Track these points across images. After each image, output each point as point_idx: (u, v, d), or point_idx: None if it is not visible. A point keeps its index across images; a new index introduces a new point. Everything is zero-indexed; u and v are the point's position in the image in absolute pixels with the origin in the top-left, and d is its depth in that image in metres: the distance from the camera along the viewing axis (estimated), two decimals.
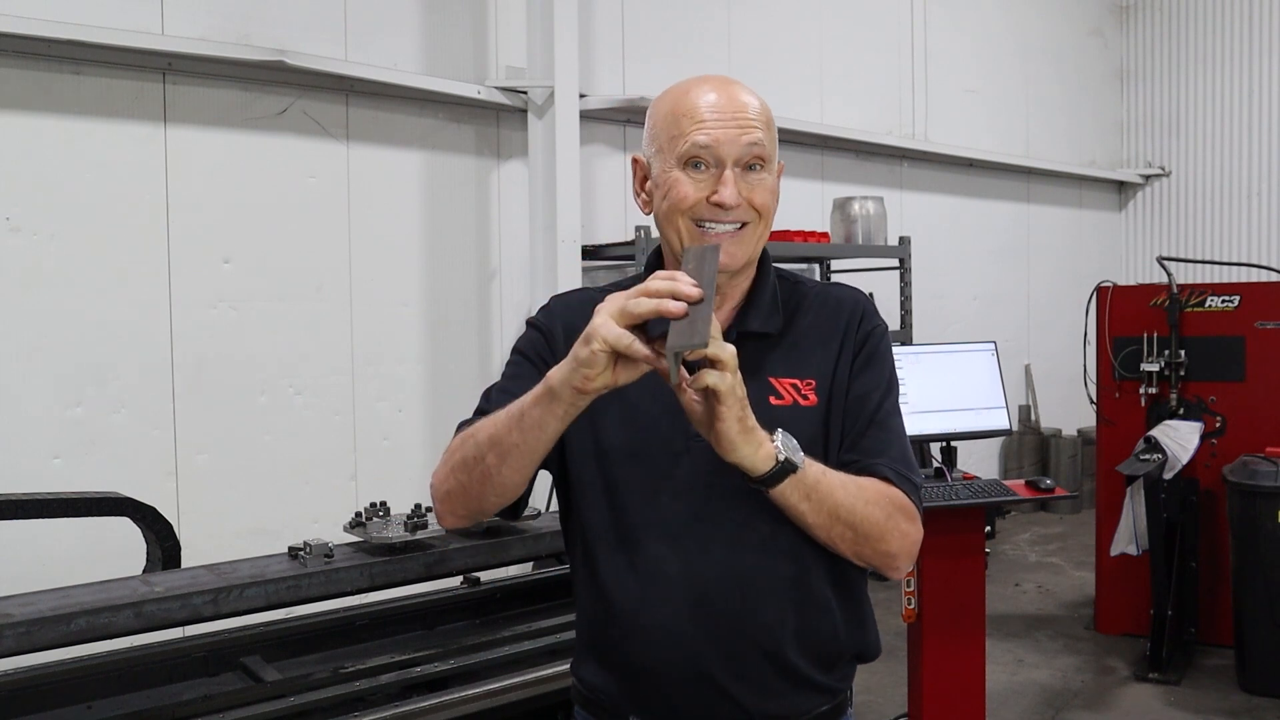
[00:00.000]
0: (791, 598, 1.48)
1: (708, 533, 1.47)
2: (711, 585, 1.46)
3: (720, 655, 1.47)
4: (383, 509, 2.93)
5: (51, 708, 2.59)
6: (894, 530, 1.44)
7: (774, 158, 1.54)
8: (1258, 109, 8.99)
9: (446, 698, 2.57)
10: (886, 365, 1.56)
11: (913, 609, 3.50)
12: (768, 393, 1.48)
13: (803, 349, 1.53)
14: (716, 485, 1.45)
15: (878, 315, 1.61)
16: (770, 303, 1.54)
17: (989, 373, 3.75)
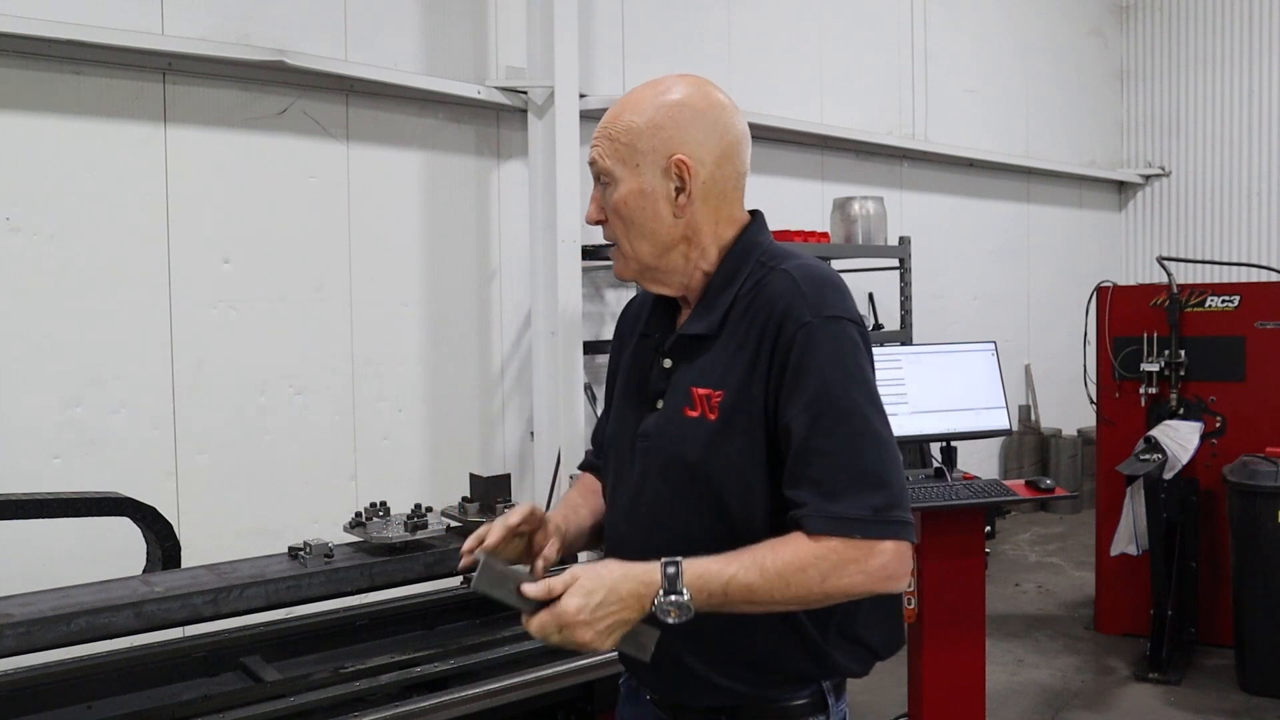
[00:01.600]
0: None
1: (638, 527, 1.59)
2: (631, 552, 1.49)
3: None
4: (383, 509, 2.93)
5: (51, 708, 2.59)
6: (840, 585, 1.40)
7: (620, 172, 1.55)
8: (1258, 109, 8.99)
9: (446, 698, 2.58)
10: (815, 373, 1.44)
11: (913, 609, 3.50)
12: (684, 403, 1.54)
13: (729, 354, 1.52)
14: (639, 482, 1.57)
15: (819, 303, 1.48)
16: (717, 304, 1.55)
17: (989, 373, 3.75)
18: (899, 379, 3.65)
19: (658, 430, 1.57)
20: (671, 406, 1.56)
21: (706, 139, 1.55)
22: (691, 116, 1.55)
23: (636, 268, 1.58)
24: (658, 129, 1.54)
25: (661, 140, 1.54)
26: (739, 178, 1.62)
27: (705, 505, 1.51)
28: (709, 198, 1.57)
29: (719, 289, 1.56)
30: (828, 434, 1.42)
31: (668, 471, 1.55)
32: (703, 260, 1.58)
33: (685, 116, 1.55)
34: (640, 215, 1.55)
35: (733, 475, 1.48)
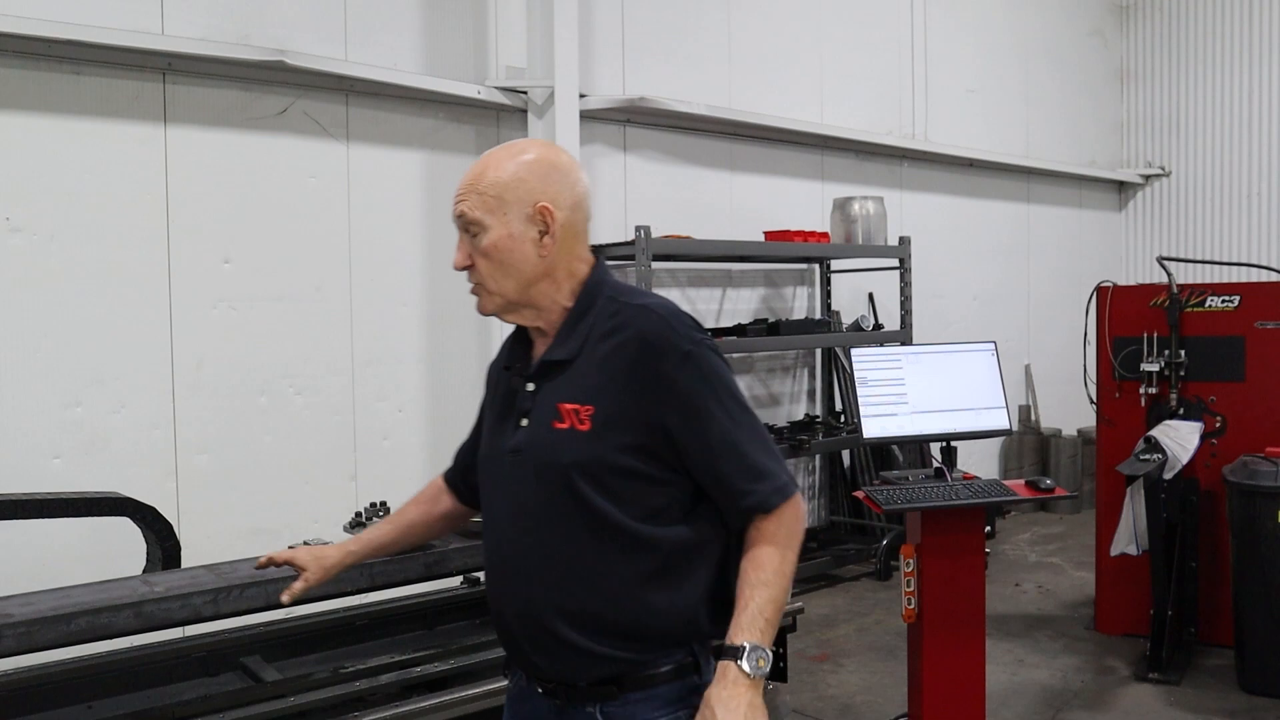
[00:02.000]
0: (561, 580, 1.74)
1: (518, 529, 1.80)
2: (515, 566, 1.80)
3: (517, 621, 1.80)
4: (383, 509, 2.93)
5: (51, 708, 2.59)
6: (795, 549, 1.76)
7: (488, 220, 1.76)
8: (1258, 109, 9.00)
9: (446, 698, 2.58)
10: (712, 388, 1.73)
11: (913, 609, 3.50)
12: (552, 418, 1.76)
13: (590, 376, 1.75)
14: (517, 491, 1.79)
15: (688, 336, 1.74)
16: (575, 332, 1.79)
17: (989, 373, 3.75)
18: (899, 379, 3.65)
19: (529, 443, 1.79)
20: (538, 422, 1.78)
21: (562, 189, 1.78)
22: (548, 170, 1.78)
23: (501, 303, 1.81)
24: (521, 181, 1.76)
25: (526, 191, 1.76)
26: (586, 223, 1.85)
27: (575, 504, 1.73)
28: (565, 240, 1.79)
29: (575, 320, 1.79)
30: (737, 437, 1.74)
31: (542, 477, 1.76)
32: (560, 295, 1.81)
33: (543, 170, 1.78)
34: (508, 256, 1.77)
35: (604, 475, 1.72)
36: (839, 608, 5.72)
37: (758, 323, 5.94)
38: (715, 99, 6.06)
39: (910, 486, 3.52)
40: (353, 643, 3.05)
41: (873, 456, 6.76)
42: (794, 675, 4.02)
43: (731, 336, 5.84)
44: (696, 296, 6.17)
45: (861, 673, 4.75)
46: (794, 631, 3.36)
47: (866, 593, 6.00)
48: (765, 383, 6.59)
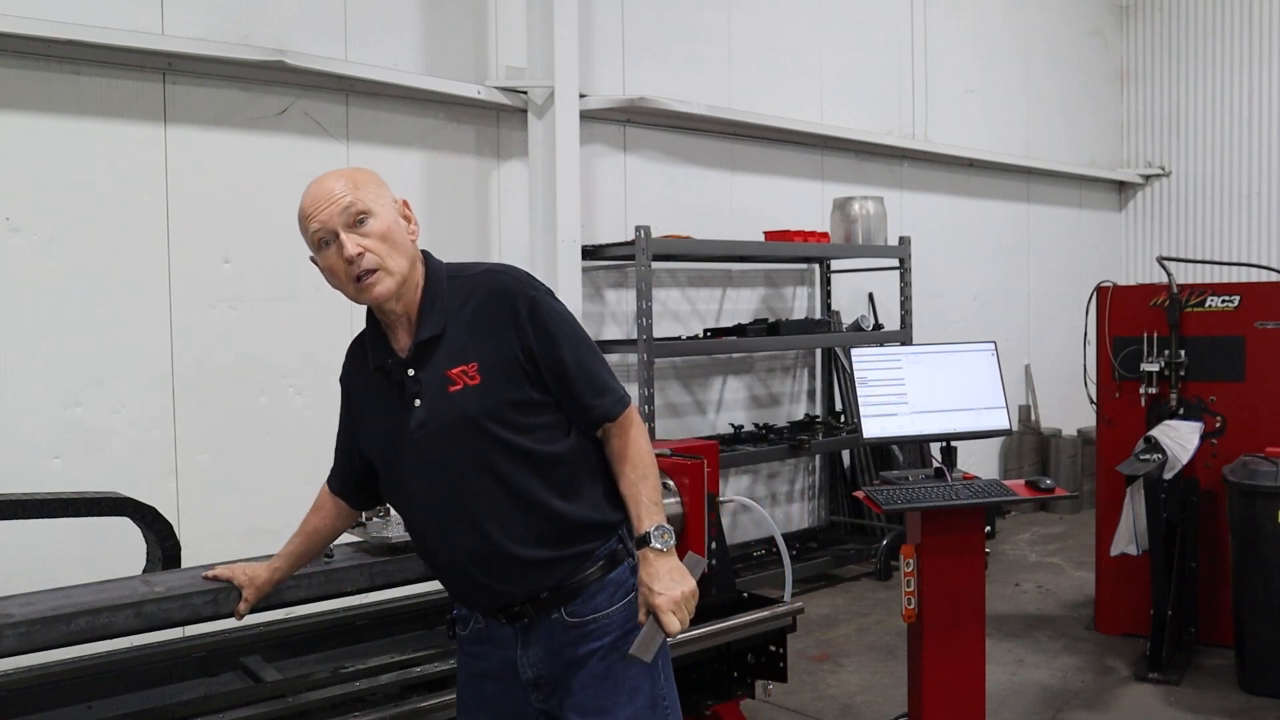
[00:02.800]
0: (500, 513, 2.02)
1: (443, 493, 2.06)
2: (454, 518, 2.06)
3: (472, 566, 2.05)
4: (383, 509, 2.92)
5: (51, 708, 2.59)
6: (646, 441, 2.12)
7: (376, 208, 2.02)
8: (1258, 109, 8.99)
9: (446, 698, 2.57)
10: (557, 322, 2.05)
11: (913, 609, 3.50)
12: (446, 384, 2.02)
13: (465, 339, 2.03)
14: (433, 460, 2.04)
15: (530, 285, 2.06)
16: (435, 310, 2.05)
17: (989, 373, 3.75)
18: (899, 379, 3.65)
19: (430, 415, 2.03)
20: (433, 394, 2.03)
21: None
22: (381, 180, 2.10)
23: (395, 283, 2.02)
24: (379, 184, 2.07)
25: (385, 191, 2.07)
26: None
27: (490, 446, 2.00)
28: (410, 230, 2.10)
29: (431, 302, 2.06)
30: (583, 359, 2.06)
31: (453, 435, 2.01)
32: (418, 278, 2.08)
33: (379, 179, 2.09)
34: (398, 236, 2.04)
35: (505, 412, 2.00)
36: (839, 608, 5.72)
37: (758, 323, 5.93)
38: (715, 99, 6.06)
39: (910, 486, 3.52)
40: (353, 643, 3.05)
41: (873, 456, 6.76)
42: (794, 675, 4.01)
43: (731, 336, 5.84)
44: (696, 296, 6.17)
45: (861, 673, 4.75)
46: (794, 631, 3.36)
47: (866, 593, 6.00)
48: (765, 383, 6.59)
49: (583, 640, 2.08)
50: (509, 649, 2.11)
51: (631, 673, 2.08)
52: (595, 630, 2.08)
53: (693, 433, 6.00)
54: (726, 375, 6.34)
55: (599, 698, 2.07)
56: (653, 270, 5.20)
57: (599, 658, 2.08)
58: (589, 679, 2.07)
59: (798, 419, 6.58)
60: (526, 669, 2.11)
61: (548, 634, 2.08)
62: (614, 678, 2.08)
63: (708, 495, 3.28)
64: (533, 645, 2.09)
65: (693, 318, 6.12)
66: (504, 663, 2.13)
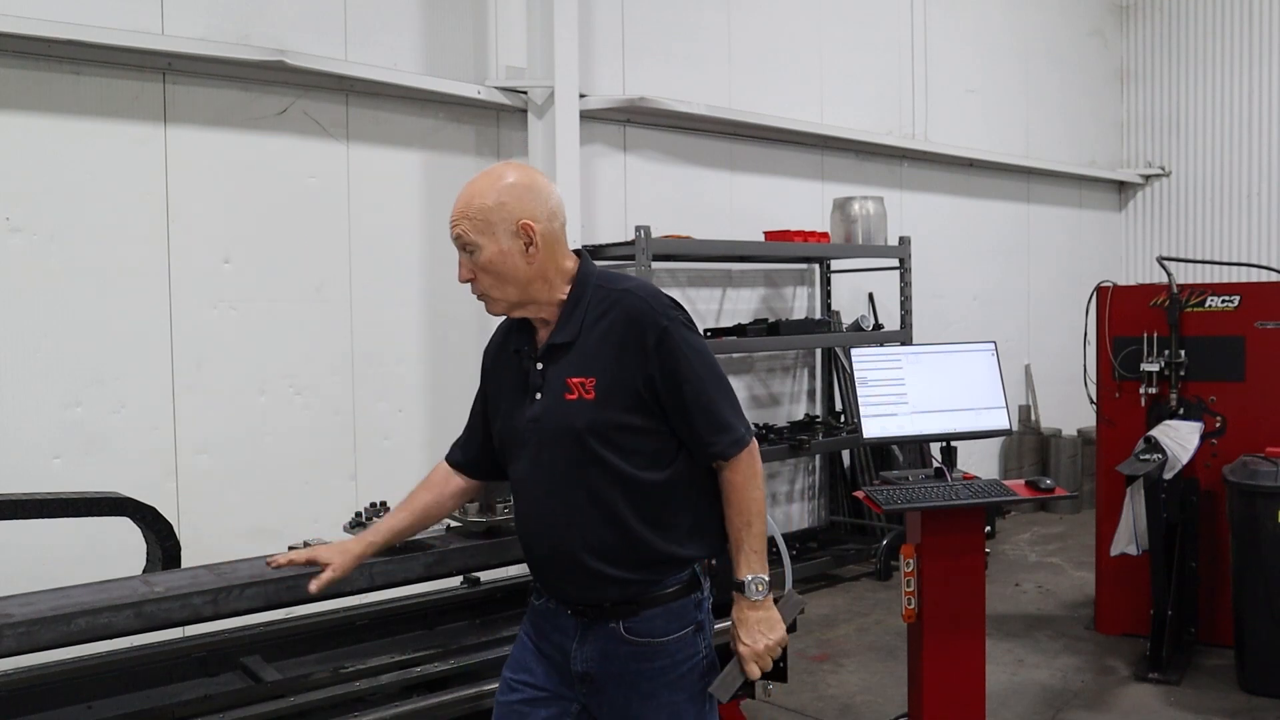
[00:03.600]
0: (582, 523, 2.12)
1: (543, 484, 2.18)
2: (544, 513, 2.18)
3: (549, 558, 2.20)
4: (383, 509, 2.92)
5: (51, 708, 2.59)
6: (759, 484, 2.19)
7: (481, 241, 2.09)
8: (1258, 109, 8.99)
9: (446, 698, 2.58)
10: (686, 355, 2.12)
11: (913, 609, 3.50)
12: (564, 390, 2.12)
13: (592, 353, 2.12)
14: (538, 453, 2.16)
15: (666, 314, 2.13)
16: (573, 319, 2.14)
17: (989, 373, 3.74)
18: (899, 379, 3.65)
19: (544, 414, 2.14)
20: (550, 395, 2.14)
21: (538, 206, 2.11)
22: (524, 191, 2.11)
23: (505, 306, 2.16)
24: (503, 205, 2.09)
25: (508, 212, 2.09)
26: (564, 228, 2.18)
27: (588, 460, 2.10)
28: (547, 247, 2.12)
29: (572, 309, 2.14)
30: (705, 395, 2.13)
31: (559, 440, 2.12)
32: (555, 291, 2.15)
33: (520, 192, 2.11)
34: (503, 268, 2.10)
35: (609, 433, 2.09)
36: (839, 608, 5.72)
37: (758, 323, 5.93)
38: (715, 99, 6.06)
39: (910, 486, 3.52)
40: (353, 643, 3.05)
41: (873, 456, 6.76)
42: (794, 675, 4.02)
43: (731, 336, 5.84)
44: (696, 296, 6.17)
45: (861, 673, 4.75)
46: (794, 631, 3.34)
47: (866, 593, 6.00)
48: (765, 383, 6.59)
49: (633, 659, 2.16)
50: (567, 637, 2.21)
51: (675, 698, 2.17)
52: (647, 652, 2.16)
53: None
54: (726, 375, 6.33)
55: (637, 712, 2.17)
56: (653, 270, 5.20)
57: (645, 678, 2.16)
58: (636, 696, 2.17)
59: (798, 419, 6.58)
60: (578, 662, 2.20)
61: (603, 638, 2.17)
62: (657, 700, 2.17)
63: None
64: (589, 643, 2.19)
65: (693, 318, 6.11)
66: (559, 649, 2.23)
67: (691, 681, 2.19)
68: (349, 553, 2.33)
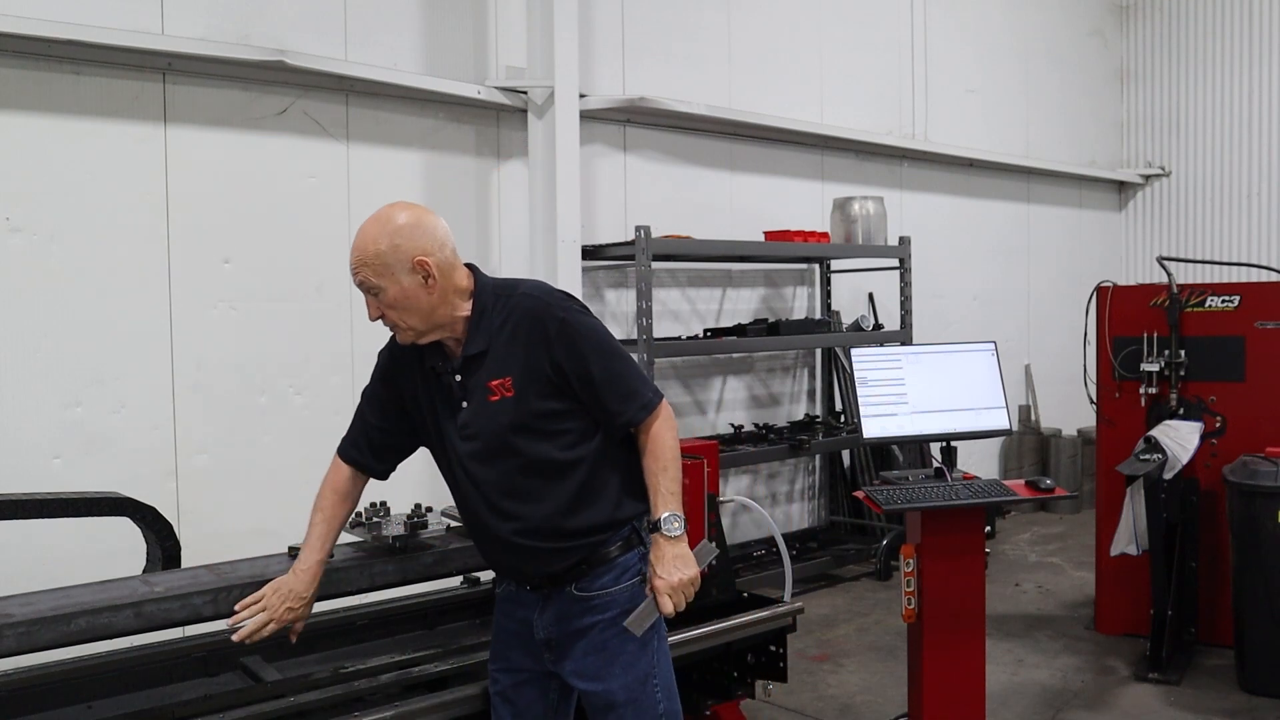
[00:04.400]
0: (524, 509, 2.32)
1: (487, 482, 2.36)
2: (487, 509, 2.36)
3: (501, 547, 2.38)
4: (383, 509, 2.93)
5: (51, 708, 2.59)
6: (673, 436, 2.37)
7: (383, 283, 2.25)
8: (1258, 109, 8.99)
9: (446, 698, 2.58)
10: (585, 338, 2.30)
11: (913, 609, 3.50)
12: (487, 394, 2.31)
13: (503, 355, 2.31)
14: (473, 456, 2.35)
15: (560, 306, 2.32)
16: (482, 328, 2.32)
17: (989, 373, 3.74)
18: (899, 379, 3.65)
19: (472, 418, 2.33)
20: (475, 401, 2.33)
21: (429, 240, 2.27)
22: (412, 230, 2.26)
23: (414, 335, 2.32)
24: (396, 248, 2.25)
25: (403, 254, 2.25)
26: (454, 251, 2.34)
27: (517, 452, 2.30)
28: (444, 274, 2.29)
29: (478, 321, 2.32)
30: (610, 369, 2.31)
31: (490, 439, 2.31)
32: (458, 310, 2.32)
33: (409, 231, 2.26)
34: (407, 304, 2.27)
35: (533, 423, 2.29)
36: (839, 608, 5.72)
37: (758, 323, 5.93)
38: (715, 99, 6.06)
39: (910, 486, 3.52)
40: (353, 643, 3.05)
41: (873, 456, 6.76)
42: (794, 675, 4.01)
43: (731, 336, 5.84)
44: (696, 296, 6.17)
45: (861, 673, 4.75)
46: (794, 631, 3.36)
47: (866, 593, 6.00)
48: (765, 383, 6.59)
49: (587, 612, 2.36)
50: (529, 610, 2.41)
51: (628, 648, 2.36)
52: (599, 604, 2.35)
53: (693, 433, 6.00)
54: (726, 375, 6.34)
55: (596, 666, 2.36)
56: (653, 270, 5.20)
57: (599, 630, 2.35)
58: (589, 648, 2.36)
59: (798, 419, 6.58)
60: (539, 630, 2.40)
61: (560, 603, 2.38)
62: (611, 650, 2.36)
63: (708, 495, 3.28)
64: (548, 611, 2.39)
65: (693, 318, 6.12)
66: (523, 622, 2.43)
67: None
68: (301, 593, 2.43)
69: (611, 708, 2.35)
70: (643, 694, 2.37)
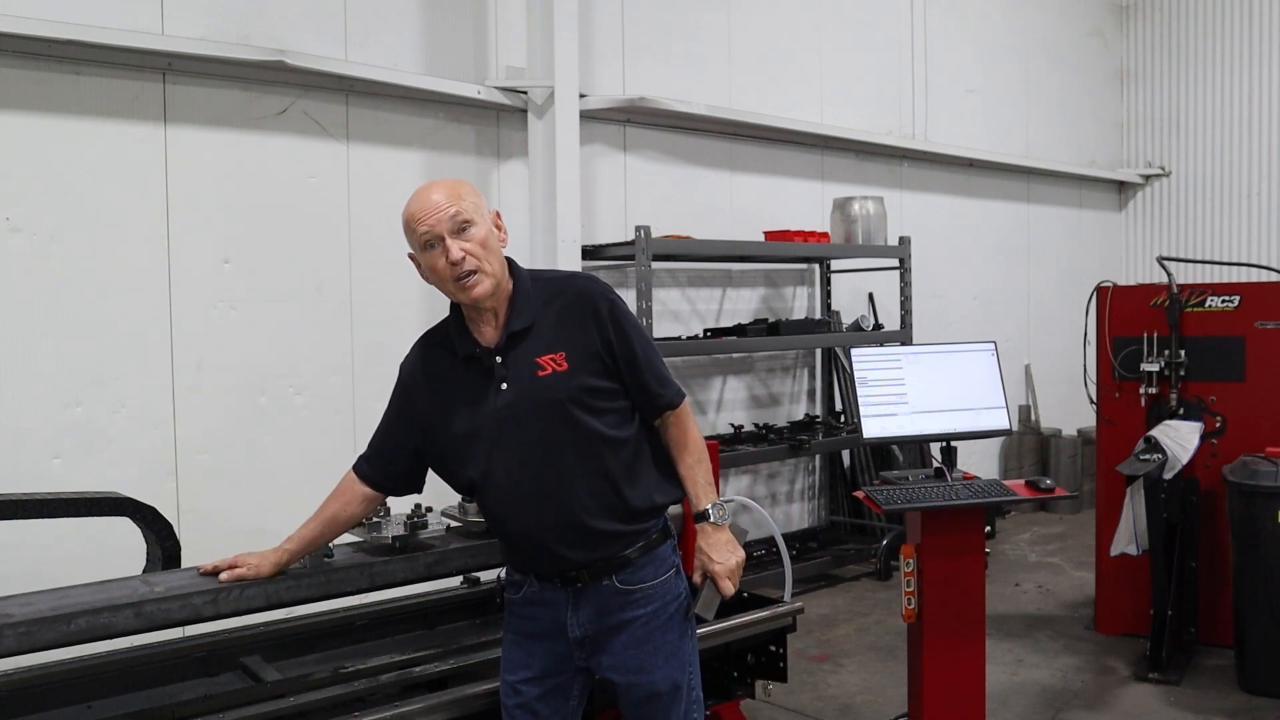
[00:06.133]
0: (577, 486, 2.31)
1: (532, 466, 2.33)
2: (532, 491, 2.33)
3: (547, 534, 2.32)
4: (383, 509, 2.92)
5: (51, 708, 2.59)
6: (697, 430, 2.48)
7: (477, 219, 2.30)
8: (1258, 109, 8.99)
9: (446, 698, 2.58)
10: (631, 323, 2.38)
11: (913, 609, 3.50)
12: (535, 369, 2.31)
13: (553, 331, 2.33)
14: (516, 438, 2.32)
15: (608, 290, 2.39)
16: (525, 306, 2.35)
17: (989, 373, 3.74)
18: (899, 379, 3.65)
19: (519, 396, 2.30)
20: (519, 379, 2.31)
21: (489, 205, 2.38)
22: (479, 192, 2.38)
23: (492, 283, 2.30)
24: (477, 197, 2.36)
25: (483, 202, 2.36)
26: None
27: (572, 426, 2.29)
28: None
29: (520, 300, 2.36)
30: (650, 356, 2.40)
31: (542, 415, 2.29)
32: (506, 280, 2.36)
33: (477, 192, 2.37)
34: (494, 243, 2.33)
35: (586, 398, 2.30)
36: (839, 608, 5.72)
37: (758, 323, 5.93)
38: (715, 99, 6.06)
39: (910, 486, 3.52)
40: (353, 643, 3.05)
41: (873, 456, 6.76)
42: (794, 675, 4.00)
43: (731, 336, 5.84)
44: (696, 296, 6.17)
45: (861, 673, 4.75)
46: (794, 631, 3.36)
47: (866, 593, 6.00)
48: (765, 383, 6.59)
49: (627, 606, 2.36)
50: (560, 610, 2.38)
51: (669, 638, 2.40)
52: (640, 598, 2.37)
53: None
54: (726, 375, 6.34)
55: (639, 659, 2.37)
56: (653, 270, 5.21)
57: (641, 624, 2.37)
58: (630, 642, 2.37)
59: (798, 419, 6.57)
60: (575, 628, 2.37)
61: (598, 598, 2.36)
62: (654, 642, 2.38)
63: None
64: (583, 607, 2.37)
65: (693, 318, 6.12)
66: (553, 622, 2.39)
67: (679, 621, 2.42)
68: (267, 560, 2.51)
69: (656, 697, 2.38)
70: (683, 681, 2.42)
